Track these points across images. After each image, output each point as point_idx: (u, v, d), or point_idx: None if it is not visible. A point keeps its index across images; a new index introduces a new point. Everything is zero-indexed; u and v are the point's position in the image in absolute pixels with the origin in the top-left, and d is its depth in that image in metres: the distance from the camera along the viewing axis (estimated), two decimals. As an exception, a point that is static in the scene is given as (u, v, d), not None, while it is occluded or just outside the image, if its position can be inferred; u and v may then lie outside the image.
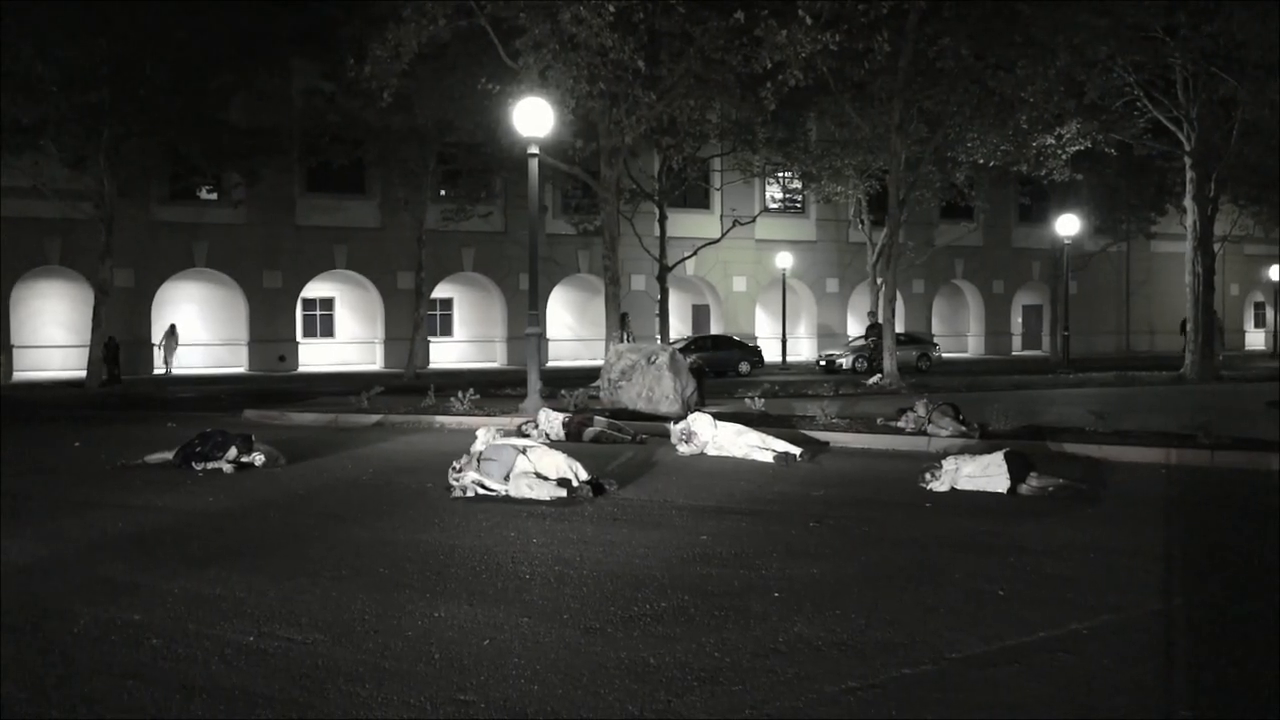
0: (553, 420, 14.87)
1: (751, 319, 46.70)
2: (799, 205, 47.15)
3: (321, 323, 42.26)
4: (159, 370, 35.82)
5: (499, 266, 41.81)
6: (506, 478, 9.97)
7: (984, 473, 10.25)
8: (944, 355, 41.81)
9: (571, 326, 45.95)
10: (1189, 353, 29.08)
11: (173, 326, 35.69)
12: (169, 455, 12.26)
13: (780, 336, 41.84)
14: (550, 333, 43.00)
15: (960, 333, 52.77)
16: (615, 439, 14.46)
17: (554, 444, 12.34)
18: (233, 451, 12.04)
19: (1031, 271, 51.93)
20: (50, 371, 35.83)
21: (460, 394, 18.31)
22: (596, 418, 15.21)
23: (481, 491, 9.98)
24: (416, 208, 32.78)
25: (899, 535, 8.32)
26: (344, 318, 42.62)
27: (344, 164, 33.49)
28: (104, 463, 12.72)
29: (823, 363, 37.98)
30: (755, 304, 47.10)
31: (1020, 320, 54.22)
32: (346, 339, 42.45)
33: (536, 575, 6.99)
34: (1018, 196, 46.03)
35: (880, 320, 30.31)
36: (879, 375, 27.32)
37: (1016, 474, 10.15)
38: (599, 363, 23.67)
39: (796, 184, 42.49)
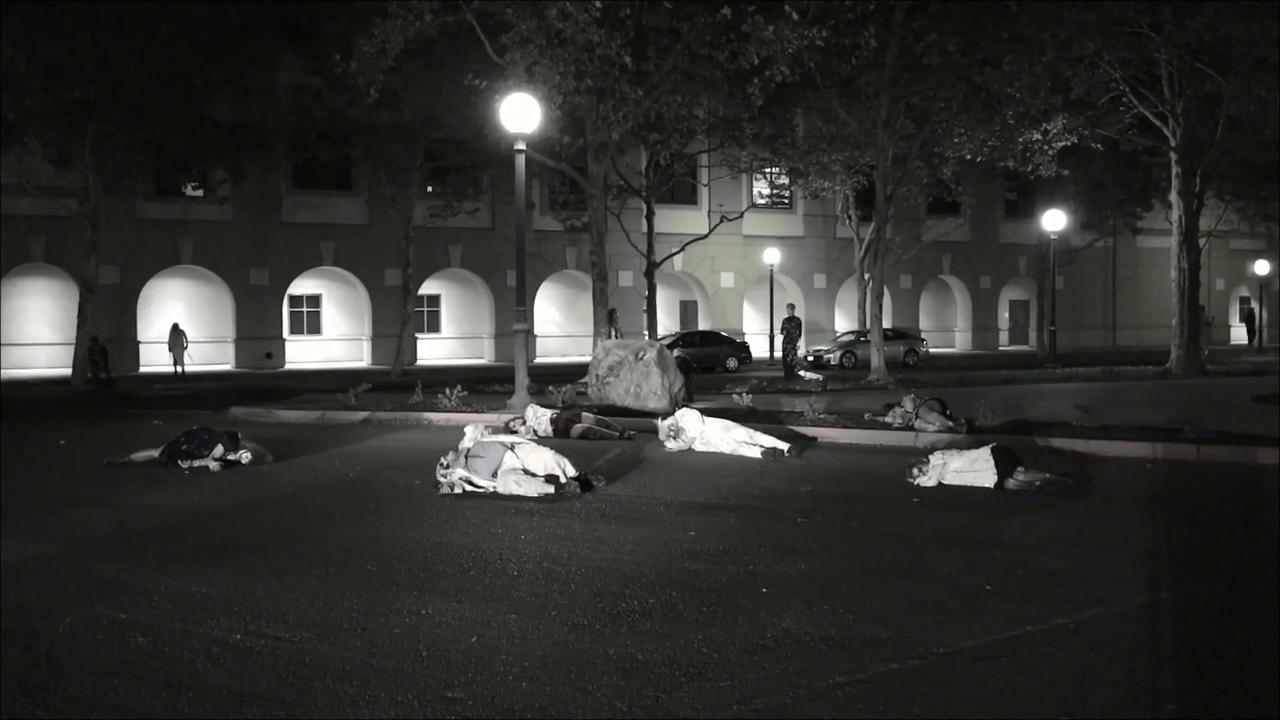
0: (540, 417, 14.86)
1: (739, 315, 46.73)
2: (786, 201, 47.19)
3: (308, 320, 42.15)
4: (162, 370, 35.19)
5: (486, 263, 41.75)
6: (494, 474, 9.96)
7: (971, 468, 10.27)
8: (931, 350, 41.89)
9: (559, 323, 45.93)
10: (1174, 347, 29.17)
11: (176, 325, 34.61)
12: (155, 453, 12.23)
13: (768, 332, 41.87)
14: (538, 329, 42.96)
15: (947, 328, 52.90)
16: (603, 435, 14.46)
17: (542, 440, 12.36)
18: (219, 449, 12.01)
19: (1018, 267, 52.07)
20: (36, 369, 35.67)
21: (448, 391, 18.30)
22: (584, 414, 15.22)
23: (469, 488, 9.97)
24: (404, 204, 32.71)
25: (886, 530, 8.33)
26: (331, 315, 42.52)
27: (331, 160, 33.42)
28: (90, 461, 12.69)
29: (810, 358, 37.99)
30: (743, 300, 47.13)
31: (1007, 315, 54.37)
32: (334, 336, 42.34)
33: (524, 572, 6.99)
34: (1004, 192, 46.04)
35: (799, 314, 30.18)
36: (810, 374, 27.32)
37: (1003, 469, 10.18)
38: (587, 359, 23.67)
39: (784, 180, 42.51)
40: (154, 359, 36.67)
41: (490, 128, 23.98)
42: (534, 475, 9.98)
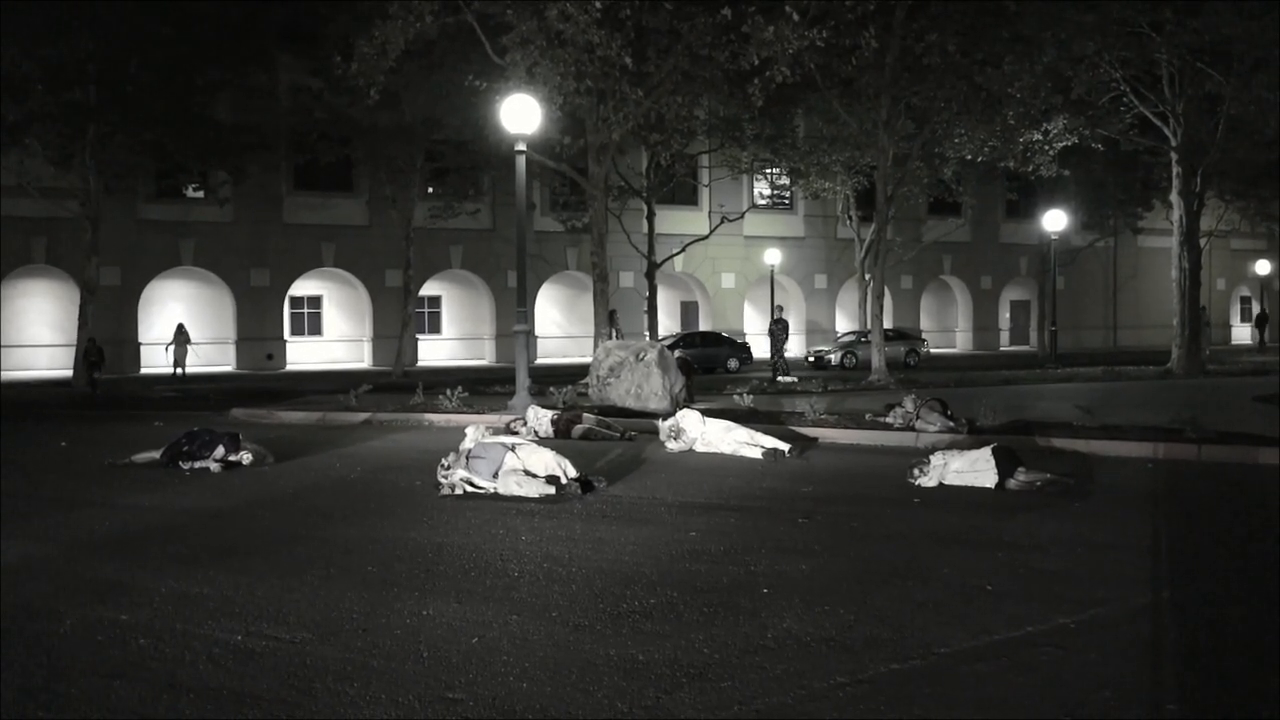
0: (541, 418, 14.86)
1: (740, 315, 46.73)
2: (787, 202, 47.18)
3: (309, 321, 42.16)
4: (167, 371, 34.51)
5: (487, 264, 41.75)
6: (495, 475, 9.96)
7: (972, 468, 10.26)
8: (932, 351, 41.89)
9: (560, 324, 45.92)
10: (1175, 348, 29.17)
11: (181, 326, 34.03)
12: (156, 454, 12.23)
13: (768, 333, 41.82)
14: (539, 330, 42.96)
15: (948, 328, 52.88)
16: (604, 436, 14.46)
17: (543, 441, 12.35)
18: (220, 450, 12.01)
19: (1019, 267, 52.05)
20: (36, 370, 35.67)
21: (449, 392, 18.32)
22: (585, 415, 15.21)
23: (470, 489, 9.96)
24: (404, 205, 32.72)
25: (887, 531, 8.33)
26: (332, 316, 42.52)
27: (331, 161, 33.40)
28: (91, 462, 12.69)
29: (811, 359, 38.04)
30: (744, 300, 47.12)
31: (1008, 316, 54.35)
32: (335, 337, 42.34)
33: (525, 573, 6.99)
34: (1005, 192, 46.04)
35: (785, 315, 30.02)
36: (788, 377, 27.18)
37: (1004, 469, 10.17)
38: (588, 360, 23.67)
39: (784, 180, 42.49)
40: (155, 360, 36.64)
41: (491, 129, 23.98)
42: (535, 476, 9.97)
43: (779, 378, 27.19)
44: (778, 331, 29.16)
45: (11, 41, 26.12)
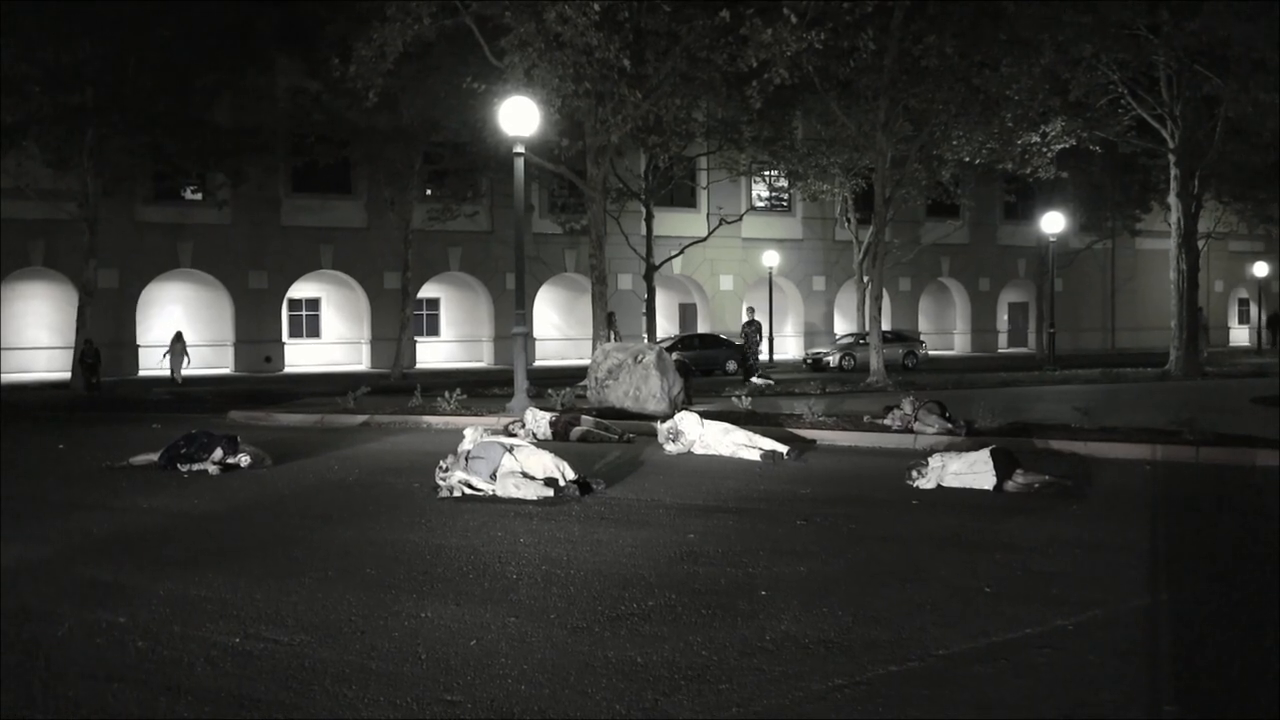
0: (540, 420, 14.85)
1: (738, 318, 46.56)
2: (785, 204, 47.18)
3: (308, 323, 42.13)
4: (165, 374, 33.76)
5: (485, 266, 41.74)
6: (493, 477, 9.96)
7: (970, 470, 10.27)
8: (930, 353, 41.89)
9: (558, 326, 45.92)
10: (1173, 349, 29.19)
11: (179, 334, 33.52)
12: (154, 457, 12.22)
13: (767, 335, 41.86)
14: (537, 332, 42.95)
15: (946, 330, 52.88)
16: (602, 438, 14.46)
17: (541, 443, 12.34)
18: (218, 453, 12.00)
19: (1017, 269, 52.05)
20: (35, 373, 35.63)
21: (447, 394, 18.30)
22: (584, 417, 15.21)
23: (469, 491, 9.96)
24: (403, 207, 32.72)
25: (886, 533, 8.33)
26: (330, 318, 42.50)
27: (330, 164, 33.42)
28: (89, 465, 12.68)
29: (809, 361, 38.04)
30: (742, 302, 47.07)
31: (1006, 318, 54.34)
32: (333, 339, 42.32)
33: (523, 575, 6.99)
34: (1003, 194, 46.12)
35: (757, 317, 29.94)
36: (758, 378, 27.05)
37: (1002, 471, 10.17)
38: (586, 362, 23.67)
39: (783, 182, 42.51)
40: (153, 363, 36.59)
41: (489, 131, 24.01)
42: (533, 478, 9.97)
43: (753, 379, 27.14)
44: (750, 333, 29.12)
45: (10, 43, 26.11)
